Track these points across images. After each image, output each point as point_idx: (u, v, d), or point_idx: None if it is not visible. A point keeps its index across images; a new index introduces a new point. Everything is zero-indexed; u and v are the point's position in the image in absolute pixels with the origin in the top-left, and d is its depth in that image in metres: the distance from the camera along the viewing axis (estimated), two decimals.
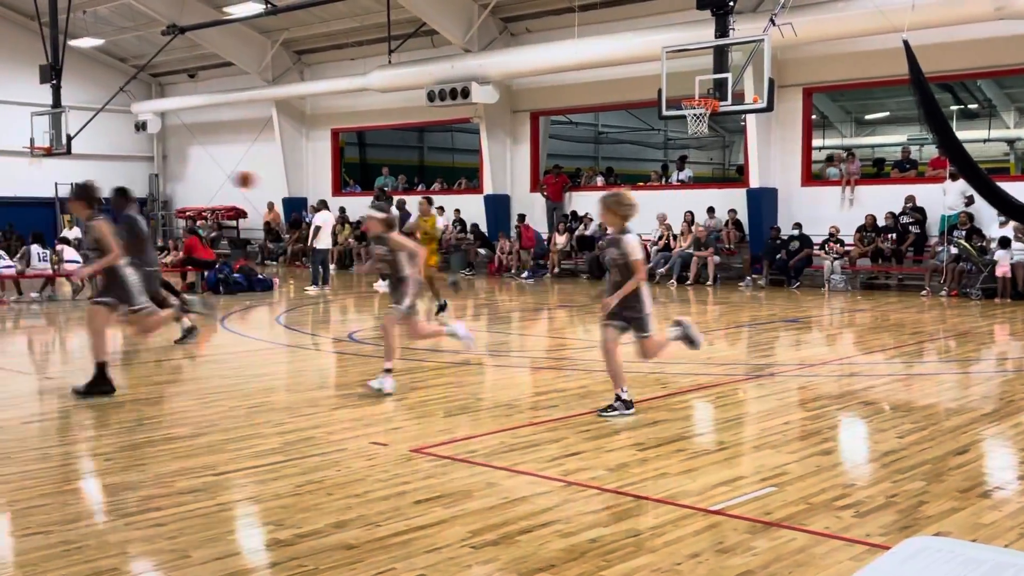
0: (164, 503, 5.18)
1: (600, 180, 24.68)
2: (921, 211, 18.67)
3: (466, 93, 22.13)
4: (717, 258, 20.20)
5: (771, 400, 8.23)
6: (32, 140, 25.91)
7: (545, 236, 23.31)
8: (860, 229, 18.98)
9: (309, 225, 21.73)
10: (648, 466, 5.87)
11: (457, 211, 25.39)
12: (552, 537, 4.60)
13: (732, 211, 20.83)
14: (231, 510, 5.20)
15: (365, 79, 24.52)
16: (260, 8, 23.62)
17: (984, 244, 17.19)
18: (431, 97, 22.69)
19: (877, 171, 22.41)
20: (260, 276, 19.54)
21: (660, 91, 16.10)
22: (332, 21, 25.83)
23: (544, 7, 22.70)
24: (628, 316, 7.27)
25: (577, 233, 22.87)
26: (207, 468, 5.89)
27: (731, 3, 15.75)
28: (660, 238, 21.10)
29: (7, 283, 17.68)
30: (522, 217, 23.89)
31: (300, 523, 4.82)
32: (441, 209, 25.84)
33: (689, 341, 7.75)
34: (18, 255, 17.92)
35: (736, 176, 26.36)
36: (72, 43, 26.94)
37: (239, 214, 30.30)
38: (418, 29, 23.32)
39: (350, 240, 25.87)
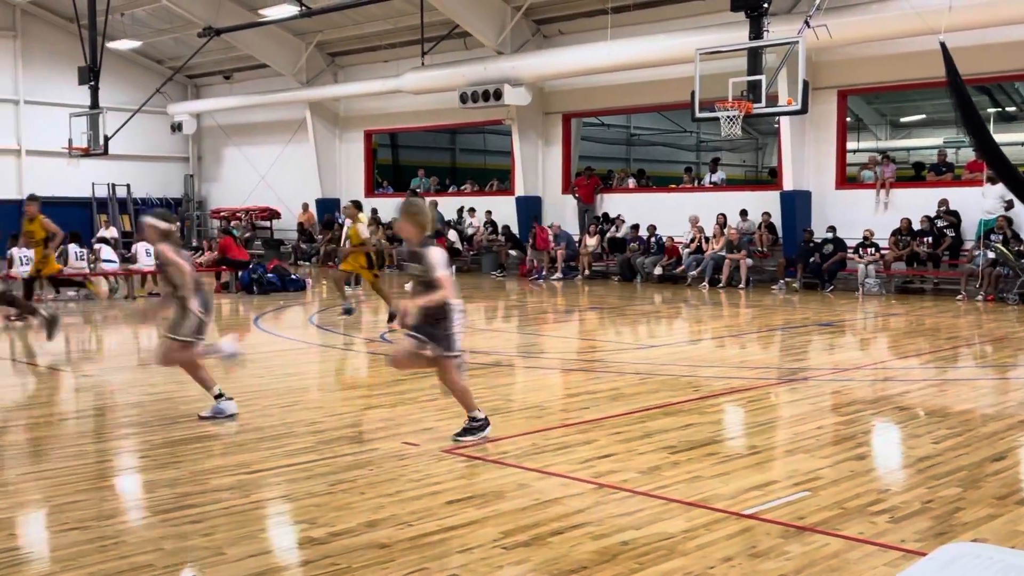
0: (199, 500, 5.24)
1: (632, 182, 24.64)
2: (956, 215, 18.47)
3: (498, 95, 22.17)
4: (750, 261, 20.09)
5: (804, 404, 8.18)
6: (70, 141, 26.24)
7: (576, 238, 23.29)
8: (895, 233, 18.81)
9: (342, 226, 21.84)
10: (680, 469, 5.85)
11: (488, 212, 25.44)
12: (584, 539, 4.60)
13: (766, 214, 20.71)
14: (265, 508, 5.25)
15: (398, 81, 24.63)
16: (295, 10, 23.78)
17: (1021, 248, 16.98)
18: (463, 99, 22.75)
19: (913, 174, 22.19)
20: (293, 276, 19.66)
21: (693, 93, 16.05)
22: (366, 23, 25.97)
23: (577, 9, 22.69)
24: (431, 332, 6.39)
25: (608, 235, 22.84)
26: (241, 466, 5.95)
27: (765, 5, 15.67)
28: (692, 240, 21.02)
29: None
30: (537, 219, 23.91)
31: (333, 522, 4.86)
32: (472, 210, 25.92)
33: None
34: (56, 254, 18.12)
35: (769, 179, 26.19)
36: (110, 45, 27.28)
37: (273, 215, 30.52)
38: (451, 31, 23.39)
39: (383, 241, 25.98)
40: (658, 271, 20.93)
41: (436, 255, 6.42)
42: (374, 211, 26.82)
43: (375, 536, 4.64)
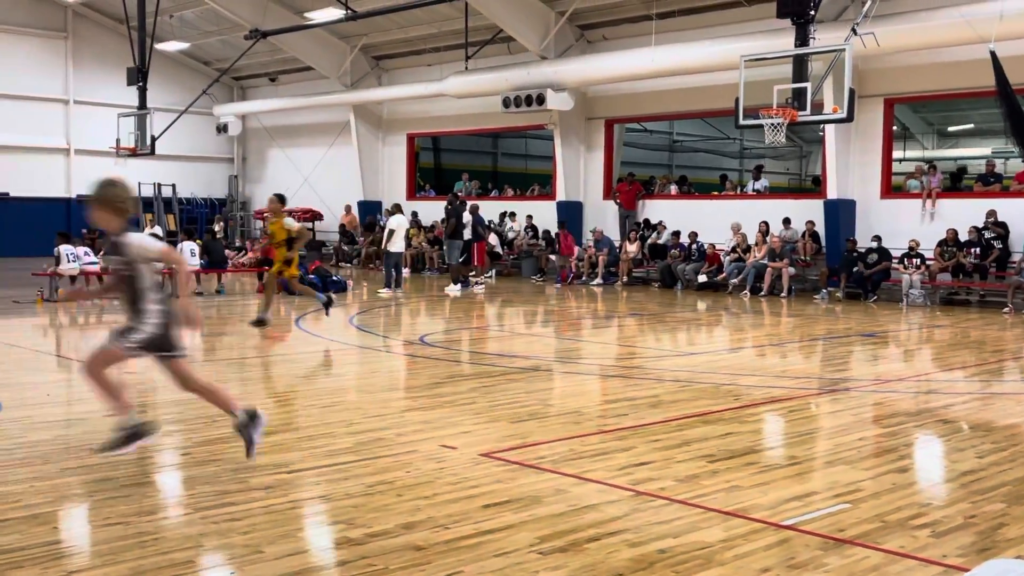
0: (239, 498, 5.29)
1: (674, 189, 24.53)
2: (1004, 226, 18.18)
3: (541, 100, 22.19)
4: (792, 269, 19.92)
5: (845, 415, 8.09)
6: (118, 141, 26.62)
7: (617, 244, 23.23)
8: (941, 243, 18.55)
9: (383, 228, 21.97)
10: (719, 478, 5.81)
11: (529, 217, 25.45)
12: (620, 546, 4.58)
13: (810, 223, 20.52)
14: (303, 507, 5.28)
15: (441, 85, 24.73)
16: (340, 14, 23.96)
17: None
18: (506, 103, 22.79)
19: (959, 184, 21.87)
20: (334, 277, 19.79)
21: (737, 100, 15.95)
22: (410, 27, 26.11)
23: (621, 15, 22.66)
24: (128, 331, 5.54)
25: (649, 241, 22.76)
26: (280, 466, 5.99)
27: (812, 12, 15.54)
28: (734, 248, 20.88)
29: (91, 279, 18.14)
30: (562, 224, 23.88)
31: (370, 523, 4.88)
32: (513, 215, 25.93)
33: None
34: (102, 252, 18.39)
35: (813, 187, 25.97)
36: (158, 46, 27.66)
37: (315, 216, 30.75)
38: (495, 36, 23.44)
39: (423, 244, 26.09)
40: (702, 278, 20.81)
41: (140, 240, 5.56)
42: (414, 214, 26.94)
43: (411, 538, 4.65)
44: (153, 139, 26.04)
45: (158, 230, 24.53)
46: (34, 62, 29.78)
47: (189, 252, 18.20)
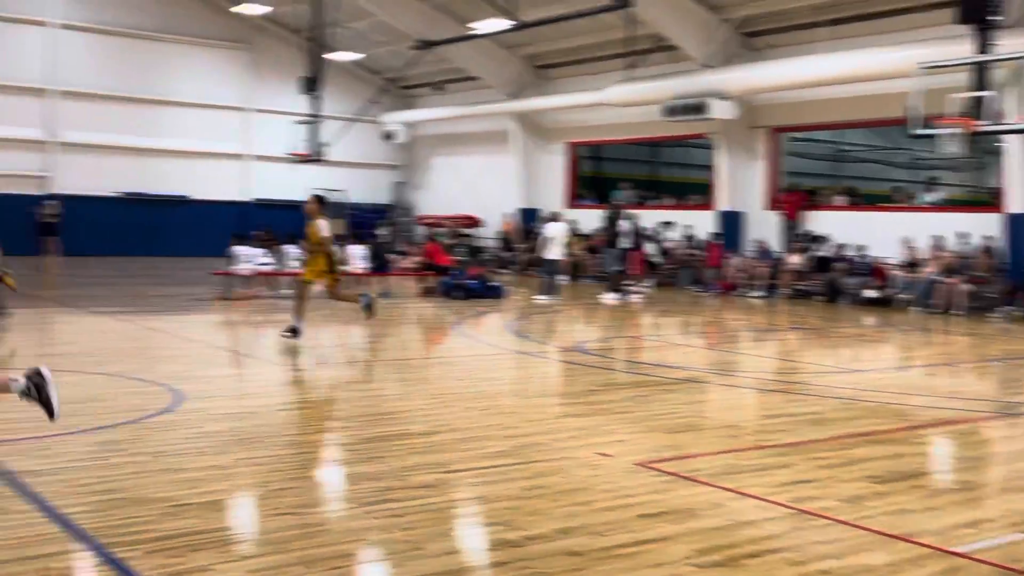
0: (400, 495, 5.44)
1: (841, 200, 23.77)
2: None
3: (703, 108, 21.91)
4: (967, 286, 18.98)
5: (1022, 441, 7.67)
6: (292, 147, 27.73)
7: (779, 255, 22.66)
8: None
9: (540, 236, 22.13)
10: (885, 500, 5.61)
11: (688, 227, 25.16)
12: (780, 564, 4.49)
13: (988, 238, 19.52)
14: (462, 507, 5.40)
15: (603, 94, 24.74)
16: (506, 24, 24.30)
17: None
18: (668, 112, 22.61)
19: None
20: (493, 283, 20.07)
21: (910, 108, 15.34)
22: (574, 36, 26.23)
23: (790, 22, 22.14)
24: None
25: (814, 254, 22.11)
26: (440, 465, 6.13)
27: (995, 18, 14.80)
28: (906, 263, 20.05)
29: (264, 278, 18.98)
30: (717, 235, 23.40)
31: (527, 526, 4.94)
32: (671, 224, 25.67)
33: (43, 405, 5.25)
34: (276, 253, 19.22)
35: (990, 200, 24.70)
36: (331, 57, 28.72)
37: (474, 223, 31.28)
38: (657, 45, 23.30)
39: (581, 252, 26.13)
40: (869, 293, 20.08)
41: None
42: (573, 222, 27.01)
43: (568, 543, 4.69)
44: (324, 147, 27.03)
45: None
46: (217, 72, 31.41)
47: (359, 256, 18.90)
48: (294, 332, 11.63)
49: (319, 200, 11.97)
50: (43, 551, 4.42)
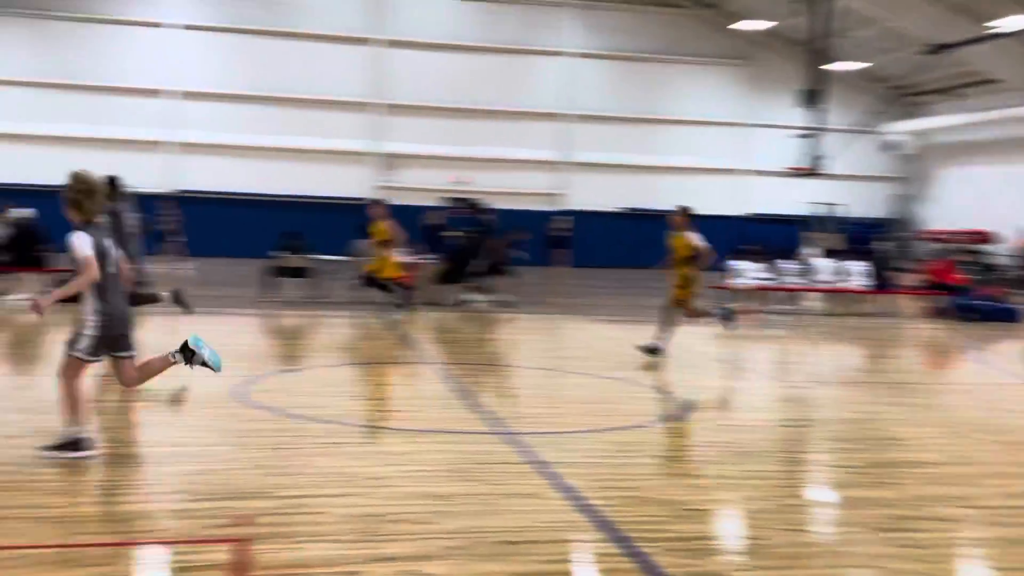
0: (917, 525, 5.18)
1: None
2: None
3: None
4: None
5: None
6: (790, 162, 27.46)
7: None
8: None
9: None
10: None
11: None
12: None
13: None
14: (986, 547, 5.00)
15: None
16: None
17: None
18: None
19: None
20: (1007, 305, 18.26)
21: None
22: None
23: None
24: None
25: None
26: (961, 499, 5.73)
27: None
28: None
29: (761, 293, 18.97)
30: None
31: None
32: None
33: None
34: (772, 268, 19.08)
35: None
36: (832, 67, 28.03)
37: (985, 238, 28.76)
38: None
39: None
40: None
41: (73, 241, 5.73)
42: None
43: None
44: (820, 159, 26.46)
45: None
46: (715, 89, 32.05)
47: (856, 272, 18.27)
48: (654, 351, 10.96)
49: (685, 212, 11.62)
50: (569, 536, 4.84)
